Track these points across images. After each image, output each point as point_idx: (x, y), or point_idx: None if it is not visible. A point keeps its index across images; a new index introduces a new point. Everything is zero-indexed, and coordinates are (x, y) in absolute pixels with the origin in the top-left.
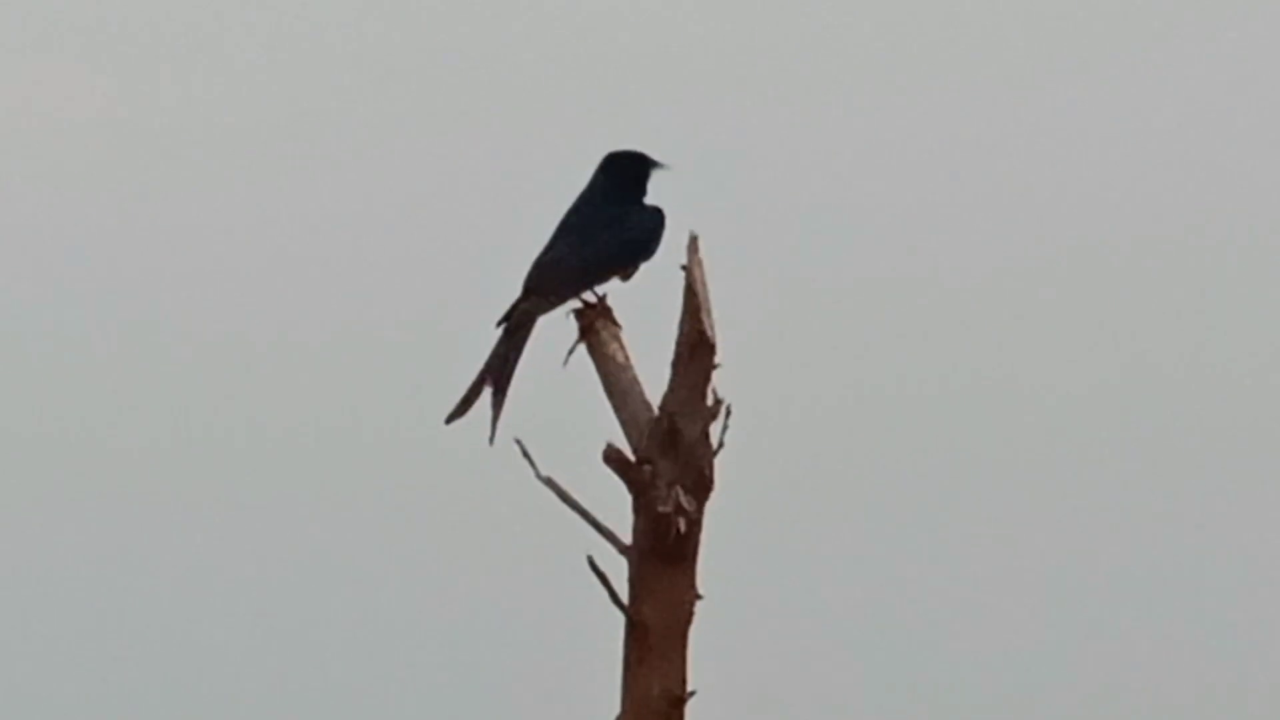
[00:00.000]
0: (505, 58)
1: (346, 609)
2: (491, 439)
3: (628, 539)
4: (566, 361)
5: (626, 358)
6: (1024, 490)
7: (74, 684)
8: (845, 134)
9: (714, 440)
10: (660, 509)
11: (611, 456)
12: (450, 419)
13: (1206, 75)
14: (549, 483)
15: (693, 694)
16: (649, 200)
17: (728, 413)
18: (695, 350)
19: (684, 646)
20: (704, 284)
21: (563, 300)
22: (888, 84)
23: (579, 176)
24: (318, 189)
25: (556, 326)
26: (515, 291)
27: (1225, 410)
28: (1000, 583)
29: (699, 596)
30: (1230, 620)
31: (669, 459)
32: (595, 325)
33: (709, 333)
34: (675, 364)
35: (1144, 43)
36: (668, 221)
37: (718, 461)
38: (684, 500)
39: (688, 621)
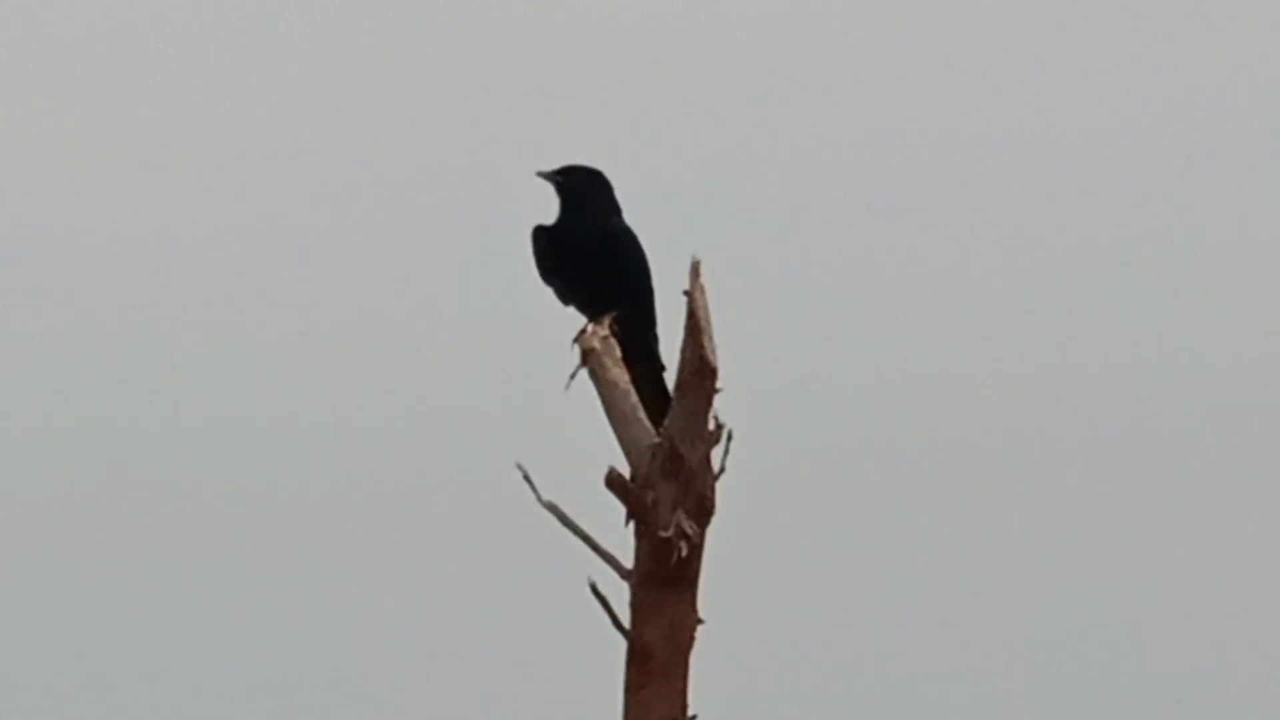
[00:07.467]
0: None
1: (347, 632)
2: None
3: (629, 563)
4: (569, 386)
5: (628, 382)
6: (1027, 517)
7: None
8: (848, 156)
9: (715, 465)
10: (662, 534)
11: (613, 481)
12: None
13: (1202, 74)
14: (551, 507)
15: (694, 718)
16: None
17: (729, 437)
18: (697, 375)
19: (685, 671)
20: (706, 309)
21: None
22: (888, 94)
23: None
24: (307, 192)
25: (558, 351)
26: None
27: (1224, 409)
28: (1005, 607)
29: (700, 621)
30: (1230, 619)
31: (671, 483)
32: (598, 349)
33: (710, 357)
34: (677, 389)
35: (1138, 39)
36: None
37: (719, 486)
38: (685, 525)
39: (689, 646)
